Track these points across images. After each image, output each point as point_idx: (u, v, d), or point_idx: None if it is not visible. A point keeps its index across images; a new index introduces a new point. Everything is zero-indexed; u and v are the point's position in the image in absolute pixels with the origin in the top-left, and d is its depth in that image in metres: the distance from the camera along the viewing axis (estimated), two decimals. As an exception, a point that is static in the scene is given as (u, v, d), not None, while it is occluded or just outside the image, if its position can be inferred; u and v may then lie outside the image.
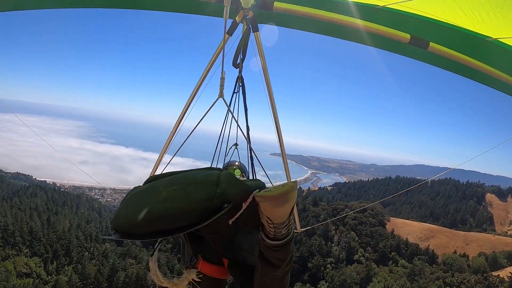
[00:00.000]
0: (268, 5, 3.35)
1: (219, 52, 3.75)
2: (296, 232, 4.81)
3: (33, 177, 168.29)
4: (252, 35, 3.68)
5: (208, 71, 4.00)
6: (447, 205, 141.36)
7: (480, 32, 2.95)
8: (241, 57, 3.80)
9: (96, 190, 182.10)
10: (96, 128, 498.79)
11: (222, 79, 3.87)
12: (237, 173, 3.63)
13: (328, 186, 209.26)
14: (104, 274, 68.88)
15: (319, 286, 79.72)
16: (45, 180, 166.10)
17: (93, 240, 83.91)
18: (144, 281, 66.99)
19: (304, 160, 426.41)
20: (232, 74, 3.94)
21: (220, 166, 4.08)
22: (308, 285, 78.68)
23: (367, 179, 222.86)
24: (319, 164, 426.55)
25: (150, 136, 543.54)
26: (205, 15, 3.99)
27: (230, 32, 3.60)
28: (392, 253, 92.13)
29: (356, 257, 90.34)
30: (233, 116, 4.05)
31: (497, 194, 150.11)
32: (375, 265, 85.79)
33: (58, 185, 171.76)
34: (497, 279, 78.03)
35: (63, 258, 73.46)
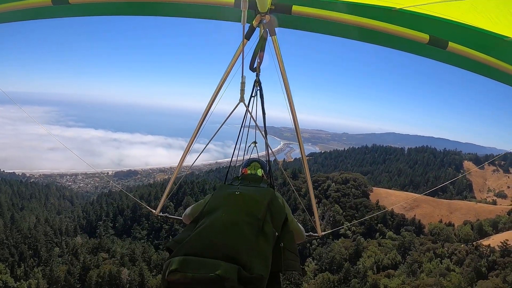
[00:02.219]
0: (286, 9, 3.31)
1: (238, 56, 3.77)
2: (317, 236, 5.25)
3: (1, 170, 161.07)
4: (269, 38, 3.62)
5: (227, 75, 3.95)
6: (426, 173, 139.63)
7: (499, 32, 2.93)
8: (258, 61, 3.67)
9: (68, 177, 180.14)
10: (64, 112, 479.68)
11: (242, 83, 3.88)
12: (259, 172, 3.70)
13: (305, 156, 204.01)
14: (75, 275, 60.81)
15: (306, 264, 73.99)
16: (14, 172, 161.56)
17: (64, 233, 76.40)
18: (118, 280, 59.01)
19: (276, 131, 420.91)
20: (251, 77, 3.93)
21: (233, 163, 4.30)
22: (294, 263, 72.75)
23: (342, 149, 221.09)
24: (291, 134, 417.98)
25: (119, 116, 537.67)
26: (223, 20, 3.88)
27: (248, 36, 3.61)
28: (379, 225, 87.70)
29: (342, 231, 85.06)
30: (253, 120, 3.97)
31: (474, 162, 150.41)
32: (363, 238, 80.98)
33: (28, 175, 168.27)
34: (488, 249, 75.42)
35: (31, 259, 65.54)
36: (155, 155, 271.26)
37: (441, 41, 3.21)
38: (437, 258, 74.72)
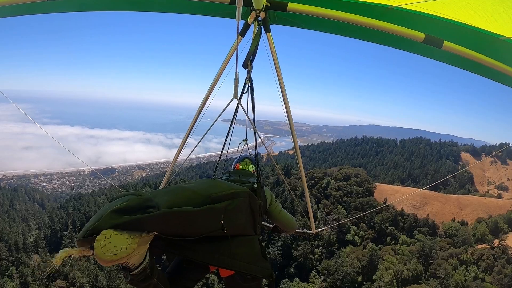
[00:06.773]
0: (282, 6, 3.31)
1: (232, 53, 3.71)
2: (311, 233, 5.44)
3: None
4: (264, 35, 3.59)
5: (222, 71, 3.92)
6: (425, 165, 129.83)
7: (494, 31, 2.96)
8: (251, 58, 3.56)
9: (42, 177, 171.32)
10: (39, 109, 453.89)
11: (236, 80, 3.75)
12: (251, 168, 3.92)
13: (288, 150, 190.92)
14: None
15: (311, 280, 61.34)
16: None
17: (21, 249, 61.55)
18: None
19: (256, 125, 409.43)
20: (243, 73, 3.86)
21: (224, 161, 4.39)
22: (296, 280, 59.92)
23: (326, 141, 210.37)
24: (272, 127, 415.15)
25: (97, 112, 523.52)
26: (218, 16, 3.88)
27: (243, 33, 3.56)
28: (390, 228, 75.88)
29: (349, 237, 72.86)
30: (247, 117, 3.92)
31: (471, 153, 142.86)
32: (374, 245, 68.86)
33: (0, 177, 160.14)
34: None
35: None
36: (134, 151, 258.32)
37: (436, 40, 3.16)
38: (462, 265, 64.05)
